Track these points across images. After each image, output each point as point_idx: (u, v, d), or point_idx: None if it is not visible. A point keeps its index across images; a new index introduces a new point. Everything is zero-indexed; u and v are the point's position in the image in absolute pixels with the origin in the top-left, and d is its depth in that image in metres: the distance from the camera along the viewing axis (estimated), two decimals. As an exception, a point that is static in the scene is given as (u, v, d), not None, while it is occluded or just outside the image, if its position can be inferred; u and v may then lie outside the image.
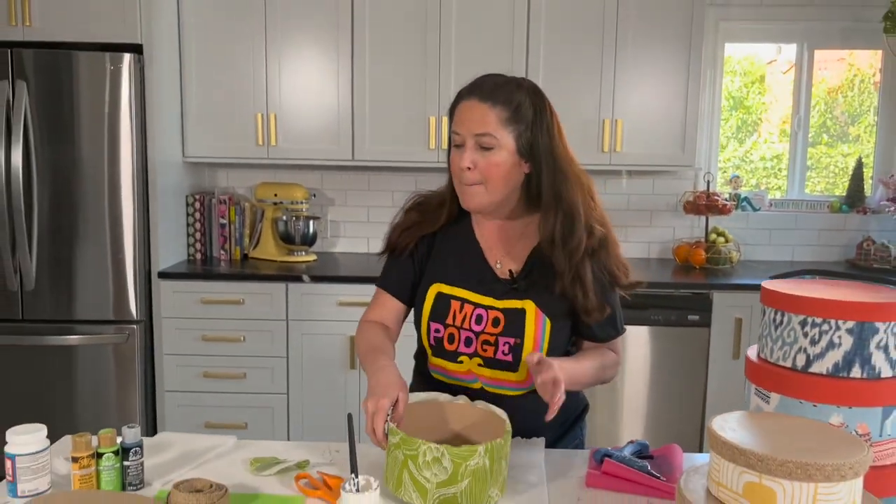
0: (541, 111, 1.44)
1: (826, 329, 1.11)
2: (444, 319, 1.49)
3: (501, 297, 1.48)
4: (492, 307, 1.47)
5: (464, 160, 1.41)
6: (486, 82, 1.44)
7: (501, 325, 1.46)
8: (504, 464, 1.25)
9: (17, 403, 3.11)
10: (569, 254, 1.43)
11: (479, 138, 1.40)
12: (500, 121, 1.40)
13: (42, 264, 3.06)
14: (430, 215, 1.54)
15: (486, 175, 1.41)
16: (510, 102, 1.41)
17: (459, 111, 1.43)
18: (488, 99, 1.40)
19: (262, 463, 1.36)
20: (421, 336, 1.55)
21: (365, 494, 1.02)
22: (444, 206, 1.53)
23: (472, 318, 1.47)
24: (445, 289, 1.50)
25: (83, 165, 3.03)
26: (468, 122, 1.41)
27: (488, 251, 1.52)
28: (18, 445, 1.20)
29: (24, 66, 2.97)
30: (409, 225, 1.55)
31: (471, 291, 1.49)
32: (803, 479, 0.89)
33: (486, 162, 1.40)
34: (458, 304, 1.48)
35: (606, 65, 3.32)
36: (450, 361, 1.50)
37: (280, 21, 3.30)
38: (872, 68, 3.83)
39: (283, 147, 3.39)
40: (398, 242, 1.55)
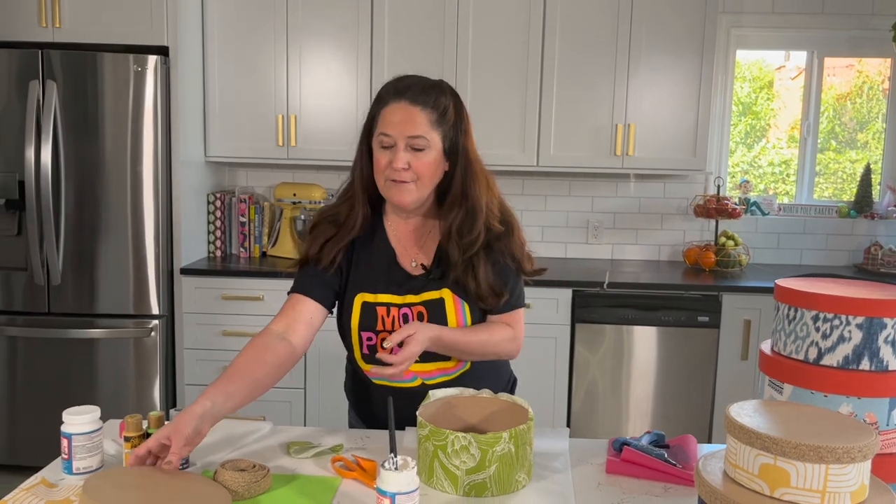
0: (460, 113, 1.52)
1: (837, 324, 1.18)
2: (374, 327, 1.54)
3: (420, 292, 1.55)
4: (413, 304, 1.54)
5: (400, 161, 1.45)
6: (412, 85, 1.49)
7: (426, 318, 1.54)
8: (529, 449, 1.32)
9: (43, 394, 3.20)
10: (465, 247, 1.52)
11: (412, 140, 1.46)
12: (429, 123, 1.47)
13: (67, 259, 3.15)
14: (345, 224, 1.55)
15: (418, 174, 1.48)
16: (438, 105, 1.48)
17: (389, 113, 1.47)
18: (418, 102, 1.47)
19: (299, 446, 1.43)
20: (352, 347, 1.58)
21: (403, 473, 1.09)
22: (355, 211, 1.55)
23: (400, 320, 1.54)
24: (369, 297, 1.55)
25: (108, 164, 3.11)
26: (400, 124, 1.45)
27: (402, 253, 1.58)
28: (75, 425, 1.27)
29: (54, 67, 3.05)
30: (328, 237, 1.55)
31: (392, 294, 1.55)
32: (815, 461, 0.96)
33: (419, 162, 1.47)
34: (383, 310, 1.54)
35: (620, 70, 3.39)
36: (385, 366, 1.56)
37: (301, 25, 3.39)
38: (881, 75, 3.89)
39: (302, 148, 3.46)
40: (321, 256, 1.54)
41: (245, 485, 1.22)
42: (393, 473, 1.09)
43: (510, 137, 3.43)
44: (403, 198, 1.49)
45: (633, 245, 3.86)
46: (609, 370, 3.27)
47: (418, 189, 1.49)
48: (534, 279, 1.65)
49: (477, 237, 1.51)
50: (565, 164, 3.47)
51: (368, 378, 1.57)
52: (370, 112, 1.52)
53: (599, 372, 3.28)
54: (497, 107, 3.42)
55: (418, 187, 1.49)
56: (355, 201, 1.54)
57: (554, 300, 3.21)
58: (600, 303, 3.21)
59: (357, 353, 1.58)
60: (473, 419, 1.43)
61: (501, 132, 3.43)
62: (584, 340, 3.25)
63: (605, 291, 3.20)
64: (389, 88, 1.50)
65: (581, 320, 3.24)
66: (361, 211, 1.54)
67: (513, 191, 3.81)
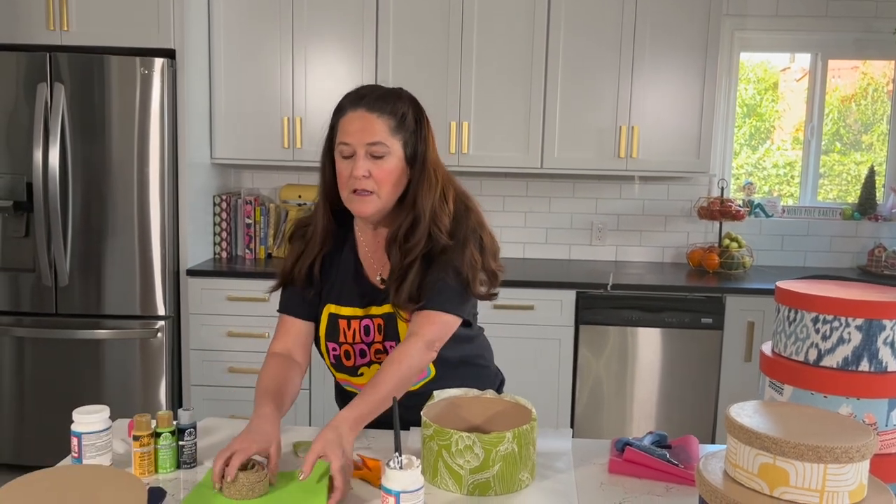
0: (420, 121, 1.51)
1: (836, 326, 1.19)
2: (337, 338, 1.56)
3: (382, 304, 1.55)
4: (374, 316, 1.55)
5: (360, 169, 1.43)
6: (369, 93, 1.48)
7: (383, 330, 1.55)
8: (532, 449, 1.33)
9: (50, 394, 3.23)
10: (404, 252, 1.49)
11: (371, 147, 1.44)
12: (388, 129, 1.46)
13: (75, 261, 3.17)
14: (312, 239, 1.54)
15: (378, 182, 1.46)
16: (396, 112, 1.47)
17: (347, 122, 1.46)
18: (375, 109, 1.45)
19: (305, 446, 1.45)
20: (322, 356, 1.61)
21: (408, 471, 1.11)
22: (319, 225, 1.53)
23: (361, 331, 1.55)
24: (334, 308, 1.56)
25: (115, 166, 3.14)
26: (359, 132, 1.44)
27: (368, 264, 1.58)
28: (84, 424, 1.29)
29: (62, 70, 3.08)
30: (298, 254, 1.55)
31: (353, 307, 1.55)
32: (814, 461, 0.97)
33: (379, 169, 1.45)
34: (345, 323, 1.55)
35: (624, 72, 3.41)
36: (351, 376, 1.58)
37: (306, 27, 3.41)
38: (886, 77, 3.90)
39: (307, 150, 3.49)
40: (294, 273, 1.55)
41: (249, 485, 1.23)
42: (398, 472, 1.10)
43: (514, 140, 3.45)
44: (365, 208, 1.47)
45: (636, 247, 3.87)
46: (613, 371, 3.28)
47: (381, 199, 1.47)
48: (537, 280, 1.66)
49: (416, 244, 1.48)
50: (569, 167, 3.48)
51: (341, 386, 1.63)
52: (330, 123, 1.51)
53: (603, 373, 3.29)
54: (501, 110, 3.43)
55: (380, 197, 1.47)
56: (317, 213, 1.55)
57: (558, 301, 3.23)
58: (604, 304, 3.23)
59: (327, 362, 1.61)
60: (477, 419, 1.45)
61: (506, 134, 3.45)
62: (588, 342, 3.27)
63: (608, 293, 3.21)
64: (347, 98, 1.50)
65: (585, 322, 3.25)
66: (323, 224, 1.53)
67: (517, 192, 3.83)
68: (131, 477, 1.08)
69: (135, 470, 1.31)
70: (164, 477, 1.33)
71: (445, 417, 1.42)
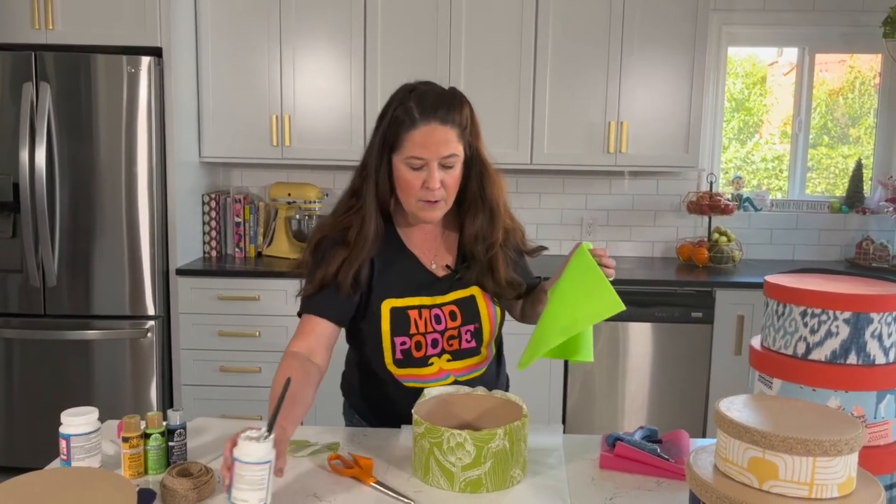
0: (473, 119, 1.53)
1: (824, 319, 1.19)
2: (407, 331, 1.53)
3: (447, 292, 1.57)
4: (444, 304, 1.56)
5: (435, 181, 1.45)
6: (439, 105, 1.45)
7: (459, 316, 1.56)
8: (523, 445, 1.33)
9: (40, 396, 3.21)
10: (487, 247, 1.56)
11: (445, 159, 1.46)
12: (457, 138, 1.47)
13: (63, 261, 3.15)
14: (356, 243, 1.48)
15: (448, 189, 1.49)
16: (463, 121, 1.48)
17: (420, 136, 1.43)
18: (448, 121, 1.45)
19: (296, 445, 1.44)
20: (381, 353, 1.54)
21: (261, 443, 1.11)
22: (366, 227, 1.49)
23: (432, 321, 1.55)
24: (397, 302, 1.53)
25: (102, 165, 3.12)
26: (434, 146, 1.44)
27: (421, 256, 1.59)
28: (73, 426, 1.28)
29: (47, 69, 3.06)
30: (343, 259, 1.48)
31: (421, 297, 1.55)
32: (803, 454, 0.97)
33: (450, 178, 1.48)
34: (415, 313, 1.54)
35: (612, 68, 3.41)
36: (420, 367, 1.56)
37: (294, 25, 3.40)
38: (873, 70, 3.92)
39: (296, 148, 3.48)
40: (339, 281, 1.47)
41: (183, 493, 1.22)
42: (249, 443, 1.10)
43: (504, 135, 3.45)
44: (436, 215, 1.52)
45: (626, 242, 3.88)
46: (604, 366, 3.29)
47: (447, 204, 1.52)
48: None
49: (497, 237, 1.56)
50: (559, 162, 3.48)
51: (397, 381, 1.56)
52: (392, 130, 1.46)
53: (595, 368, 3.30)
54: (491, 106, 3.43)
55: (447, 202, 1.51)
56: (367, 218, 1.49)
57: (548, 297, 3.23)
58: (595, 299, 3.22)
59: (388, 359, 1.55)
60: (468, 416, 1.45)
61: (495, 130, 3.44)
62: (579, 337, 3.27)
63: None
64: (414, 107, 1.44)
65: (576, 317, 3.25)
66: (374, 225, 1.50)
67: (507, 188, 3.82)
68: (121, 478, 1.08)
69: (124, 471, 1.31)
70: (154, 478, 1.32)
71: (437, 415, 1.42)
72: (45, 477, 1.09)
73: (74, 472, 1.12)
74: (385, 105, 1.50)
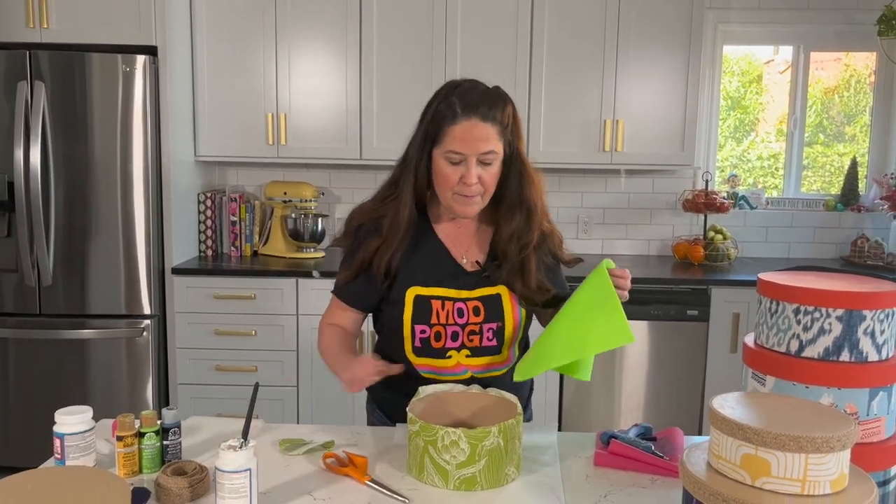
0: (515, 118, 1.53)
1: (817, 317, 1.20)
2: (429, 320, 1.54)
3: (474, 288, 1.57)
4: (468, 298, 1.56)
5: (473, 177, 1.47)
6: (481, 102, 1.47)
7: (483, 313, 1.56)
8: (518, 443, 1.33)
9: (35, 395, 3.20)
10: (521, 247, 1.56)
11: (484, 156, 1.47)
12: (497, 136, 1.48)
13: (58, 260, 3.15)
14: (392, 232, 1.53)
15: (486, 185, 1.50)
16: (505, 118, 1.49)
17: (461, 130, 1.45)
18: (489, 118, 1.46)
19: (290, 443, 1.44)
20: (401, 341, 1.57)
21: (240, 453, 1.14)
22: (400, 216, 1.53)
23: (455, 313, 1.55)
24: (422, 290, 1.55)
25: (97, 164, 3.11)
26: (474, 142, 1.45)
27: (452, 248, 1.60)
28: (67, 425, 1.28)
29: (42, 68, 3.05)
30: (376, 247, 1.54)
31: (447, 288, 1.56)
32: (795, 451, 0.98)
33: (487, 174, 1.49)
34: (438, 303, 1.55)
35: (608, 66, 3.41)
36: (438, 358, 1.56)
37: (290, 23, 3.39)
38: (868, 69, 3.92)
39: (292, 146, 3.47)
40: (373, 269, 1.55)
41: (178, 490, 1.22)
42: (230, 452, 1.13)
43: (499, 134, 3.44)
44: (471, 210, 1.53)
45: (622, 240, 3.89)
46: (600, 364, 3.29)
47: (483, 200, 1.53)
48: None
49: (532, 238, 1.56)
50: (555, 161, 3.48)
51: (416, 372, 1.57)
52: (434, 124, 1.49)
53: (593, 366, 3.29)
54: (486, 104, 3.42)
55: (484, 198, 1.52)
56: (400, 207, 1.53)
57: (544, 296, 3.23)
58: (590, 298, 3.23)
59: (408, 346, 1.56)
60: (463, 414, 1.45)
61: (491, 129, 3.44)
62: (575, 335, 3.27)
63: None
64: (456, 102, 1.47)
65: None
66: (408, 214, 1.53)
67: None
68: (115, 477, 1.08)
69: (119, 470, 1.30)
70: (149, 477, 1.32)
71: (431, 413, 1.42)
72: (39, 476, 1.09)
73: (68, 471, 1.12)
74: (430, 99, 1.53)
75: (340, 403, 3.29)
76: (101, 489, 1.05)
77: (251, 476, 1.14)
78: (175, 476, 1.23)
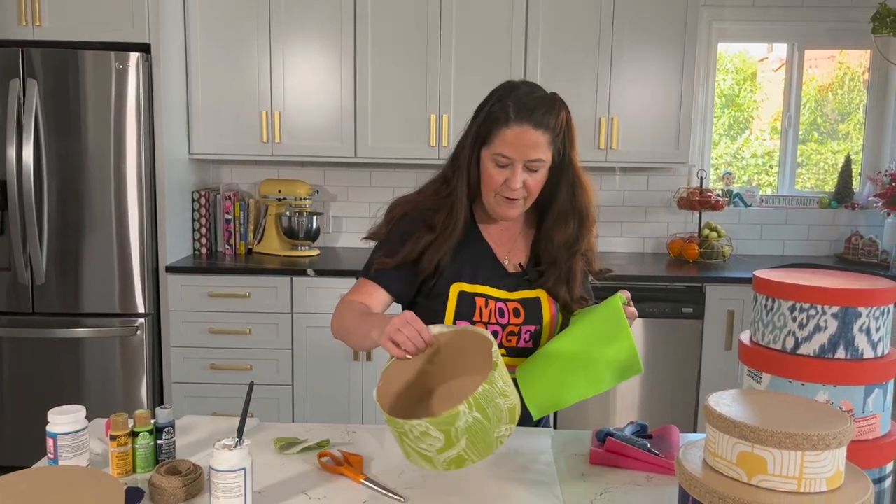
0: (570, 125, 1.52)
1: (813, 314, 1.20)
2: (471, 317, 1.53)
3: (514, 290, 1.57)
4: (508, 300, 1.56)
5: (517, 182, 1.46)
6: (536, 108, 1.46)
7: (522, 315, 1.55)
8: (501, 401, 1.18)
9: (29, 394, 3.19)
10: (571, 255, 1.56)
11: (531, 163, 1.46)
12: (547, 143, 1.47)
13: (51, 259, 3.13)
14: (444, 231, 1.53)
15: (530, 190, 1.50)
16: (557, 127, 1.48)
17: (512, 135, 1.45)
18: (541, 126, 1.45)
19: (285, 442, 1.44)
20: None
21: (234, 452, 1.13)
22: (455, 217, 1.52)
23: (496, 313, 1.55)
24: (467, 287, 1.54)
25: (91, 162, 3.10)
26: (522, 148, 1.45)
27: (496, 249, 1.61)
28: (60, 425, 1.27)
29: (35, 65, 3.03)
30: (428, 244, 1.52)
31: (490, 287, 1.56)
32: (791, 448, 0.97)
33: (533, 180, 1.49)
34: (482, 301, 1.54)
35: (603, 63, 3.41)
36: None
37: (284, 21, 3.38)
38: (862, 66, 3.93)
39: (286, 144, 3.46)
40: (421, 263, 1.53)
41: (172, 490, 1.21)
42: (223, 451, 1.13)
43: (494, 132, 3.44)
44: (513, 213, 1.53)
45: (617, 237, 3.89)
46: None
47: (526, 204, 1.53)
48: None
49: (581, 246, 1.56)
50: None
51: None
52: (486, 124, 1.49)
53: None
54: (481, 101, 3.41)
55: (526, 203, 1.52)
56: (456, 207, 1.53)
57: (540, 293, 3.23)
58: (586, 295, 3.23)
59: None
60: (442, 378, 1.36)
61: (486, 127, 3.44)
62: (570, 333, 3.27)
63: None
64: (510, 106, 1.46)
65: (567, 313, 3.25)
66: (464, 214, 1.53)
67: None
68: (108, 477, 1.07)
69: (112, 470, 1.30)
70: (143, 476, 1.31)
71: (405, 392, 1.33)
72: (32, 476, 1.08)
73: (61, 471, 1.11)
74: (485, 99, 1.53)
75: (335, 402, 3.29)
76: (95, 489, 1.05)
77: (246, 475, 1.14)
78: (169, 476, 1.23)
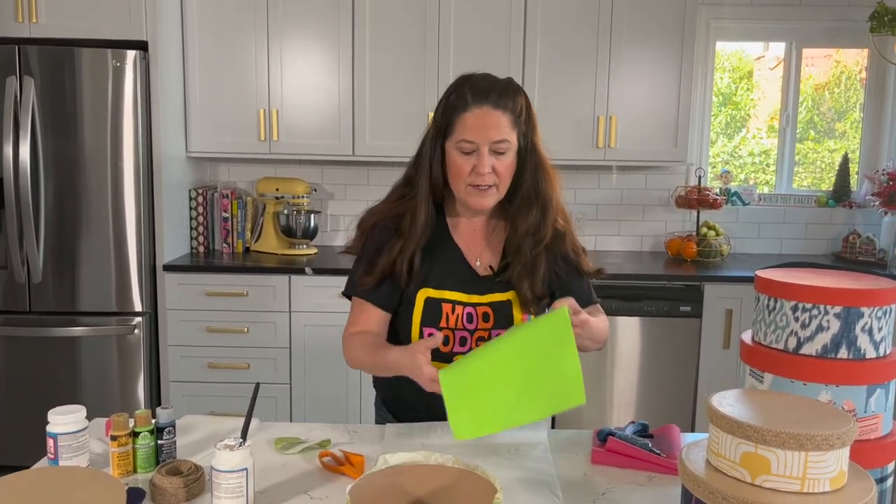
0: (529, 109, 1.51)
1: (815, 314, 1.20)
2: (437, 323, 1.52)
3: (485, 293, 1.54)
4: (478, 304, 1.53)
5: (485, 166, 1.44)
6: (491, 89, 1.45)
7: (492, 318, 1.53)
8: None
9: (26, 393, 3.18)
10: (535, 243, 1.53)
11: (496, 144, 1.45)
12: (510, 125, 1.46)
13: (48, 257, 3.12)
14: (410, 231, 1.51)
15: (500, 176, 1.48)
16: (516, 107, 1.47)
17: (471, 119, 1.44)
18: (500, 106, 1.44)
19: (286, 442, 1.43)
20: (410, 342, 1.52)
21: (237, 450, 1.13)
22: (419, 214, 1.50)
23: (464, 318, 1.53)
24: (433, 293, 1.52)
25: (88, 160, 3.08)
26: (485, 130, 1.43)
27: (467, 251, 1.58)
28: (60, 425, 1.26)
29: (31, 63, 3.02)
30: (398, 250, 1.50)
31: (458, 292, 1.53)
32: (795, 448, 0.97)
33: (501, 165, 1.47)
34: (449, 307, 1.52)
35: (601, 62, 3.41)
36: (444, 363, 1.52)
37: (282, 18, 3.37)
38: (859, 65, 3.94)
39: (284, 142, 3.45)
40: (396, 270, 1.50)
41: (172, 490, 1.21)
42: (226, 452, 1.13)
43: (493, 130, 3.43)
44: (486, 202, 1.49)
45: (615, 236, 3.89)
46: (593, 360, 3.30)
47: (498, 192, 1.50)
48: None
49: (545, 234, 1.53)
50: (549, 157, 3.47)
51: None
52: (444, 116, 1.48)
53: (583, 362, 3.29)
54: (479, 100, 3.41)
55: (499, 191, 1.49)
56: (419, 204, 1.51)
57: (538, 292, 3.23)
58: (584, 294, 3.23)
59: None
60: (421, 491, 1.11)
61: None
62: (569, 331, 3.27)
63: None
64: (466, 92, 1.45)
65: (565, 312, 3.25)
66: (426, 213, 1.51)
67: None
68: (109, 478, 1.06)
69: (113, 470, 1.29)
70: (143, 477, 1.31)
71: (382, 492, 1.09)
72: (33, 476, 1.08)
73: (62, 472, 1.11)
74: (442, 95, 1.51)
75: (334, 401, 3.28)
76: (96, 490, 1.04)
77: (248, 476, 1.14)
78: (170, 476, 1.22)
